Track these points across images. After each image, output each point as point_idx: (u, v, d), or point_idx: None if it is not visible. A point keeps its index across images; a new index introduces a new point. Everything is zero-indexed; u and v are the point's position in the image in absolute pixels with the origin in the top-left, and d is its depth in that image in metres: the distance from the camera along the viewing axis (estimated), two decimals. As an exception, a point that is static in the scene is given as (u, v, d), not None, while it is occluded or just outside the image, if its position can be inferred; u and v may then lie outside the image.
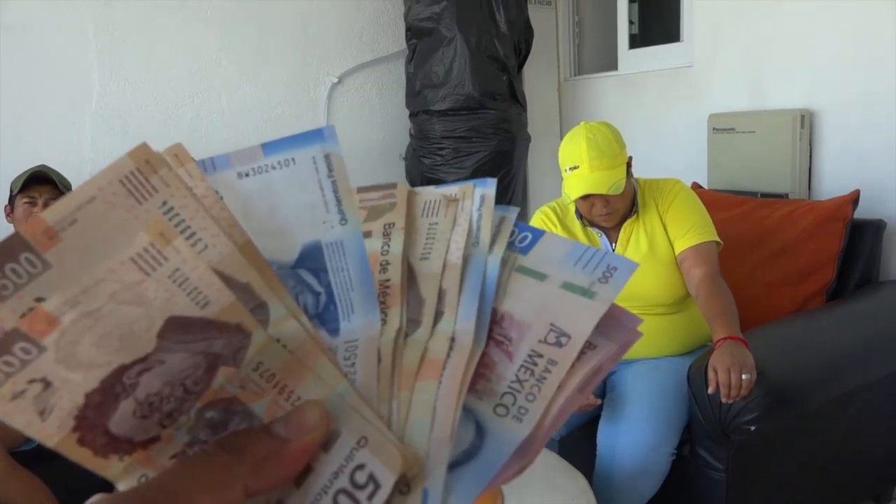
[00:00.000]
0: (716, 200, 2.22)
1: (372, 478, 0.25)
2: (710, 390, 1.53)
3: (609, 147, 1.73)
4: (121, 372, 0.23)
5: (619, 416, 1.69)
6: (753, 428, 1.52)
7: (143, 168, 0.24)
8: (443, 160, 2.87)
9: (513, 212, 0.31)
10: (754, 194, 2.36)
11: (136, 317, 0.23)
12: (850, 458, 1.80)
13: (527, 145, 3.06)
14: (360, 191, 0.31)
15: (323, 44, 3.03)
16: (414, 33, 2.93)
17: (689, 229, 1.77)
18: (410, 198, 0.31)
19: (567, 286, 0.29)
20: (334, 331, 0.28)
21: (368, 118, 3.18)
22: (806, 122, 2.29)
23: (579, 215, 1.86)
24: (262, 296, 0.25)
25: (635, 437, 1.63)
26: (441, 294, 0.29)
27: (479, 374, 0.28)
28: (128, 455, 0.24)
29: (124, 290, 0.22)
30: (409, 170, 3.05)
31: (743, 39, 2.52)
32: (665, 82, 2.90)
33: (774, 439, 1.62)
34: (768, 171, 2.38)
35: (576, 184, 1.72)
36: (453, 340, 0.28)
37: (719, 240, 1.79)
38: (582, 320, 0.28)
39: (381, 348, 0.28)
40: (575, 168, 1.73)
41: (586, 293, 0.28)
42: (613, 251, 1.27)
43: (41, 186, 2.02)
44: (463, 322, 0.29)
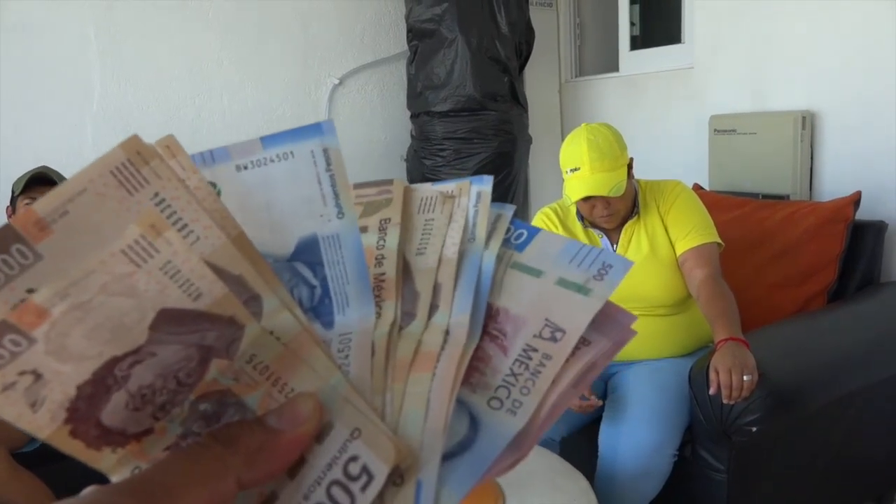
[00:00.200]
0: (717, 202, 2.22)
1: (365, 469, 0.25)
2: (712, 391, 1.53)
3: (610, 149, 1.73)
4: (112, 364, 0.23)
5: (620, 417, 1.69)
6: (755, 429, 1.52)
7: (135, 159, 0.24)
8: (444, 161, 2.87)
9: (509, 209, 0.31)
10: (755, 196, 2.36)
11: (128, 309, 0.23)
12: (851, 460, 1.80)
13: (528, 146, 3.06)
14: (357, 187, 0.31)
15: (324, 45, 3.03)
16: (415, 35, 2.93)
17: (691, 230, 1.77)
18: (407, 194, 0.31)
19: (562, 282, 0.29)
20: (329, 324, 0.28)
21: (370, 119, 3.18)
22: (807, 123, 2.29)
23: (580, 216, 1.86)
24: (256, 288, 0.25)
25: (637, 438, 1.62)
26: (436, 288, 0.29)
27: (474, 368, 0.28)
28: (121, 447, 0.24)
29: (115, 282, 0.22)
30: (410, 171, 3.05)
31: (744, 41, 2.52)
32: (666, 84, 2.90)
33: (776, 440, 1.61)
34: (769, 173, 2.38)
35: (577, 185, 1.72)
36: (448, 333, 0.28)
37: (720, 241, 1.79)
38: (577, 316, 0.28)
39: (375, 341, 0.28)
40: (576, 170, 1.73)
41: (581, 290, 0.29)
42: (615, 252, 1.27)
43: (43, 188, 2.03)
44: (458, 315, 0.29)
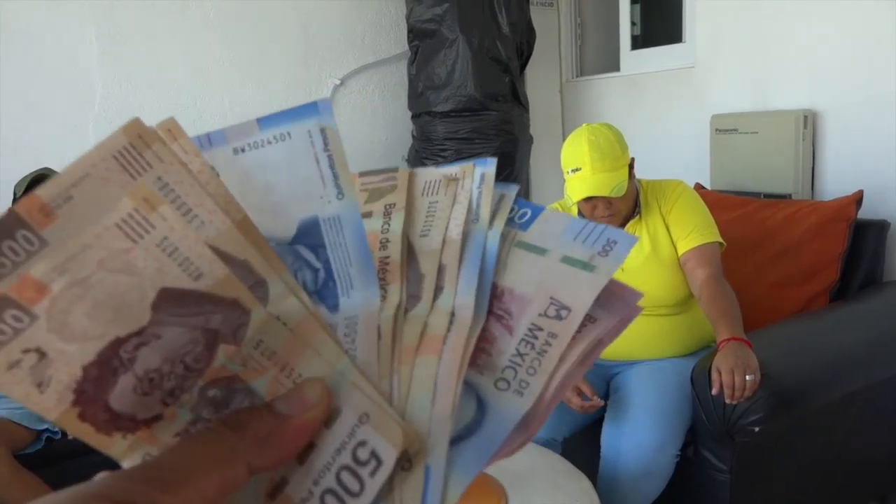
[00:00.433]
0: (718, 201, 2.22)
1: (374, 454, 0.25)
2: (714, 391, 1.53)
3: (611, 149, 1.73)
4: (117, 345, 0.23)
5: (622, 417, 1.69)
6: (757, 429, 1.52)
7: (136, 143, 0.23)
8: (445, 161, 2.85)
9: (512, 189, 0.31)
10: (757, 195, 2.36)
11: (128, 287, 0.22)
12: (854, 460, 1.80)
13: (529, 146, 3.06)
14: (362, 175, 0.31)
15: (325, 46, 3.04)
16: (416, 35, 2.93)
17: (692, 230, 1.77)
18: (411, 179, 0.31)
19: (567, 260, 0.29)
20: (334, 307, 0.28)
21: (371, 120, 3.18)
22: (809, 122, 2.29)
23: (582, 216, 1.86)
24: (261, 273, 0.25)
25: (639, 438, 1.62)
26: (441, 269, 0.29)
27: (480, 349, 0.28)
28: (131, 433, 0.24)
29: (112, 258, 0.22)
30: (411, 172, 3.05)
31: (745, 40, 2.51)
32: (667, 83, 2.89)
33: (778, 440, 1.61)
34: (771, 172, 2.37)
35: (578, 186, 1.72)
36: (453, 315, 0.28)
37: (722, 241, 1.79)
38: (582, 293, 0.28)
39: (381, 325, 0.28)
40: (577, 170, 1.73)
41: (586, 266, 0.28)
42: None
43: (45, 189, 2.03)
44: (463, 297, 0.29)
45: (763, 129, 2.39)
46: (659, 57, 2.98)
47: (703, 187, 2.50)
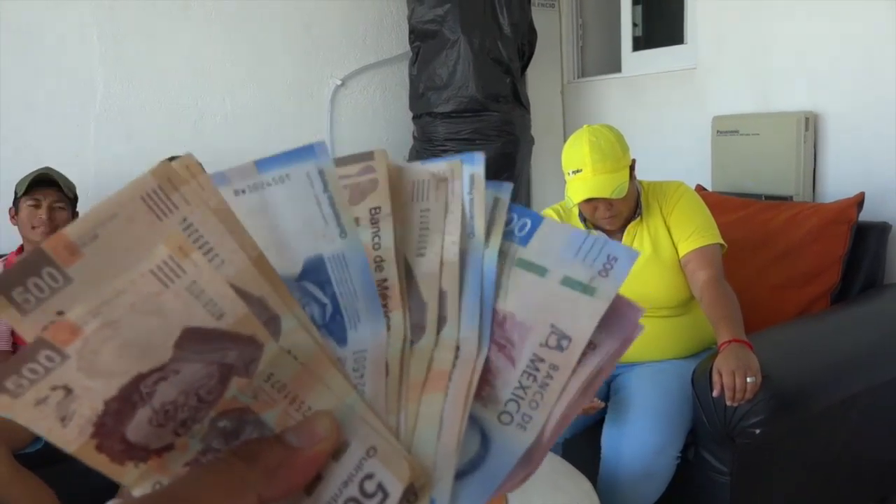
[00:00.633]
0: (720, 203, 2.22)
1: (381, 487, 0.25)
2: (715, 393, 1.53)
3: (612, 150, 1.73)
4: (138, 380, 0.23)
5: (623, 418, 1.69)
6: (758, 431, 1.52)
7: (165, 185, 0.24)
8: (446, 163, 2.87)
9: (505, 190, 0.30)
10: (758, 197, 2.36)
11: (155, 327, 0.23)
12: (855, 462, 1.80)
13: (530, 147, 3.06)
14: (339, 165, 0.29)
15: (326, 46, 3.04)
16: (417, 35, 2.93)
17: (693, 232, 1.77)
18: (395, 175, 0.30)
19: (567, 282, 0.29)
20: (342, 340, 0.28)
21: (372, 120, 3.18)
22: (810, 124, 2.29)
23: (583, 218, 1.86)
24: (275, 309, 0.26)
25: (640, 439, 1.62)
26: (441, 296, 0.29)
27: (484, 381, 0.28)
28: (143, 462, 0.25)
29: (144, 302, 0.23)
30: (412, 172, 3.05)
31: (747, 41, 2.51)
32: (668, 84, 2.89)
33: (779, 442, 1.61)
34: (772, 174, 2.37)
35: (579, 187, 1.72)
36: (458, 349, 0.28)
37: (723, 242, 1.79)
38: (582, 322, 0.28)
39: (389, 360, 0.28)
40: (578, 171, 1.73)
41: (587, 290, 0.28)
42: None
43: (45, 189, 2.03)
44: (466, 329, 0.29)
45: (764, 130, 2.39)
46: (660, 58, 2.98)
47: (704, 189, 2.50)
